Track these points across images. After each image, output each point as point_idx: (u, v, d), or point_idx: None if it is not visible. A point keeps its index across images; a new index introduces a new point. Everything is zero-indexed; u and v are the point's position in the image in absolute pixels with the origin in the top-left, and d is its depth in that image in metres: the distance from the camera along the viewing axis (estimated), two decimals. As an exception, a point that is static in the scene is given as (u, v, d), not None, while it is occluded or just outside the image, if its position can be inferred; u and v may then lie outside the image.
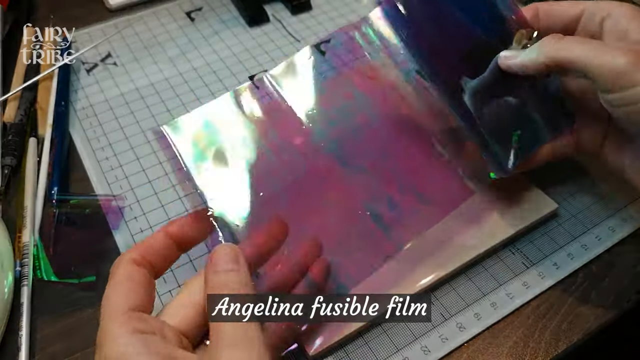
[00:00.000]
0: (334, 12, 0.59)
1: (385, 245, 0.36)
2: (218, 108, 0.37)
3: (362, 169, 0.37)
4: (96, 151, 0.45)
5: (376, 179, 0.37)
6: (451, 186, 0.39)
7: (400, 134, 0.39)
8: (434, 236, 0.37)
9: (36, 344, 0.34)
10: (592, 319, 0.35)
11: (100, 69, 0.53)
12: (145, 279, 0.27)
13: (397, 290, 0.35)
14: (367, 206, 0.36)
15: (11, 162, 0.42)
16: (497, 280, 0.37)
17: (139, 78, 0.52)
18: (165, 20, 0.58)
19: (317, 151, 0.37)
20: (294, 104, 0.38)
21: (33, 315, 0.35)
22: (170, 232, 0.29)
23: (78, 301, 0.36)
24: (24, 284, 0.36)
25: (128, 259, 0.27)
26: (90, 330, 0.35)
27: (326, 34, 0.54)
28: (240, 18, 0.58)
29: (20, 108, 0.46)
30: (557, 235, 0.39)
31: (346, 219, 0.36)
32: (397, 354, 0.33)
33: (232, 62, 0.53)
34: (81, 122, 0.48)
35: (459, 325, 0.35)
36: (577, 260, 0.38)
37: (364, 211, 0.36)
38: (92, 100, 0.50)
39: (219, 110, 0.37)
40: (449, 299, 0.36)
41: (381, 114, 0.39)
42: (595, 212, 0.41)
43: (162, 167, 0.44)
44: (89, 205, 0.41)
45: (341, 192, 0.36)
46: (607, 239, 0.39)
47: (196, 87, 0.51)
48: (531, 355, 0.34)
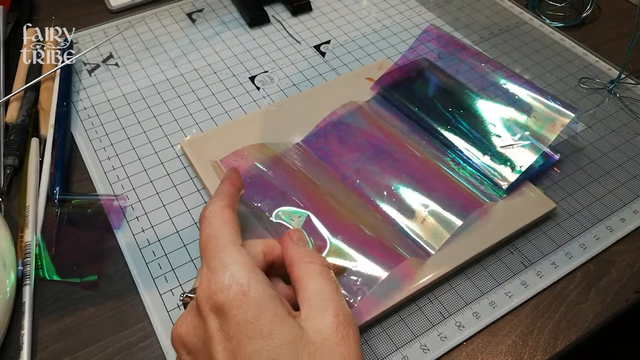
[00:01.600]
0: (334, 14, 0.59)
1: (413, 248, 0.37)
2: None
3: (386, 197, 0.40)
4: (98, 151, 0.45)
5: (403, 202, 0.39)
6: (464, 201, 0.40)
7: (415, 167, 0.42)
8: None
9: (38, 343, 0.34)
10: (591, 318, 0.35)
11: (102, 69, 0.53)
12: (236, 221, 0.31)
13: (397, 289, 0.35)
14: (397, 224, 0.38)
15: (13, 162, 0.43)
16: (496, 280, 0.37)
17: (140, 79, 0.52)
18: (166, 21, 0.58)
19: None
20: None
21: (35, 315, 0.36)
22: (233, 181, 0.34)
23: (80, 300, 0.36)
24: (26, 283, 0.36)
25: (222, 205, 0.31)
26: (92, 329, 0.35)
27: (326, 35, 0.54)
28: (241, 19, 0.59)
29: (23, 108, 0.46)
30: (555, 235, 0.39)
31: (381, 231, 0.38)
32: (397, 353, 0.34)
33: (233, 62, 0.53)
34: (83, 123, 0.48)
35: (458, 324, 0.35)
36: (576, 259, 0.38)
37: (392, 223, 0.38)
38: (93, 100, 0.50)
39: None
40: (448, 297, 0.36)
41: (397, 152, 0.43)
42: (593, 211, 0.41)
43: (163, 167, 0.44)
44: (91, 205, 0.41)
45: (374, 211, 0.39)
46: (605, 238, 0.39)
47: (197, 87, 0.51)
48: (530, 354, 0.34)
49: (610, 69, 0.52)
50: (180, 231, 0.40)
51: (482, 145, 0.42)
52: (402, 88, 0.47)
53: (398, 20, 0.58)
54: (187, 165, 0.44)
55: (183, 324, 0.28)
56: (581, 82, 0.50)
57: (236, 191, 0.34)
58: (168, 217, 0.41)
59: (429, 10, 0.59)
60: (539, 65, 0.53)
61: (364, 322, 0.34)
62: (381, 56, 0.54)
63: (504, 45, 0.55)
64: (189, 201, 0.42)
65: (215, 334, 0.26)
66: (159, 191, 0.42)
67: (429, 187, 0.40)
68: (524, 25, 0.57)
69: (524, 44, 0.55)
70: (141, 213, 0.41)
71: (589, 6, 0.57)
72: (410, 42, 0.55)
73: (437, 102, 0.45)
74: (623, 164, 0.44)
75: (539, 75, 0.51)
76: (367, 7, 0.60)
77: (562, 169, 0.43)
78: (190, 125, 0.47)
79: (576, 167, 0.44)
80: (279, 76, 0.52)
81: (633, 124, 0.47)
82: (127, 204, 0.41)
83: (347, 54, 0.54)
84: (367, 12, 0.59)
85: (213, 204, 0.31)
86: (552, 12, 0.59)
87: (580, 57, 0.53)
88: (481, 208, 0.39)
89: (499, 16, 0.58)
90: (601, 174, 0.43)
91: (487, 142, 0.42)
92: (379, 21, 0.58)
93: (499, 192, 0.40)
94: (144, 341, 0.35)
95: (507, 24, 0.57)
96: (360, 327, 0.34)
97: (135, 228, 0.40)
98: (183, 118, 0.48)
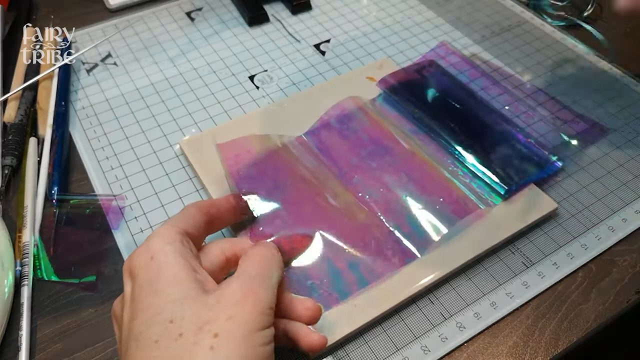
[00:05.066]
0: (334, 12, 0.59)
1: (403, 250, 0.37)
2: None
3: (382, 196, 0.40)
4: (96, 151, 0.45)
5: (398, 202, 0.39)
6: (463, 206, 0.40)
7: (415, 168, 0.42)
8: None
9: (36, 344, 0.34)
10: (592, 319, 0.35)
11: (100, 69, 0.53)
12: (200, 220, 0.32)
13: (397, 289, 0.35)
14: (389, 222, 0.38)
15: (11, 162, 0.43)
16: (497, 280, 0.37)
17: (139, 78, 0.52)
18: (165, 20, 0.58)
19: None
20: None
21: (33, 315, 0.35)
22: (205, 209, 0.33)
23: (78, 301, 0.36)
24: (24, 284, 0.36)
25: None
26: (91, 330, 0.35)
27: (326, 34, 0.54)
28: (241, 18, 0.58)
29: (21, 108, 0.46)
30: (557, 235, 0.39)
31: (371, 229, 0.38)
32: (397, 354, 0.33)
33: (232, 62, 0.53)
34: (81, 122, 0.48)
35: (459, 325, 0.35)
36: (577, 259, 0.38)
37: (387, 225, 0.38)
38: (92, 100, 0.50)
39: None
40: (448, 298, 0.36)
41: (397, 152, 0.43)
42: (595, 211, 0.41)
43: (162, 167, 0.44)
44: (89, 205, 0.41)
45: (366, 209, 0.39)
46: (607, 238, 0.39)
47: (196, 87, 0.51)
48: (531, 355, 0.34)
49: (612, 68, 0.51)
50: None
51: (483, 152, 0.42)
52: (409, 89, 0.47)
53: (399, 19, 0.58)
54: (186, 165, 0.44)
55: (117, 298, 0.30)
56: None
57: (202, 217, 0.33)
58: (167, 217, 0.40)
59: (430, 9, 0.59)
60: (539, 64, 0.52)
61: (363, 324, 0.34)
62: (381, 55, 0.54)
63: (505, 44, 0.55)
64: (188, 201, 0.41)
65: (127, 297, 0.27)
66: (157, 191, 0.42)
67: (425, 188, 0.40)
68: (525, 24, 0.57)
69: (525, 43, 0.55)
70: (140, 213, 0.41)
71: (590, 5, 0.57)
72: (411, 41, 0.55)
73: (443, 107, 0.45)
74: (625, 164, 0.44)
75: (540, 75, 0.51)
76: (367, 5, 0.60)
77: (564, 169, 0.43)
78: (189, 125, 0.47)
79: (577, 167, 0.43)
80: (279, 75, 0.52)
81: (635, 123, 0.47)
82: (126, 204, 0.41)
83: (347, 53, 0.54)
84: (367, 11, 0.59)
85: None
86: (553, 11, 0.59)
87: (581, 56, 0.53)
88: (474, 214, 0.38)
89: (500, 15, 0.58)
90: (603, 174, 0.43)
91: (490, 151, 0.42)
92: (380, 20, 0.58)
93: (496, 198, 0.40)
94: (143, 342, 0.34)
95: (508, 23, 0.57)
96: (360, 328, 0.34)
97: (134, 228, 0.40)
98: (182, 117, 0.48)
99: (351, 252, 0.36)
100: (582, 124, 0.46)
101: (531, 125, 0.46)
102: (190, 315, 0.25)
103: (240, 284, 0.27)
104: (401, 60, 0.53)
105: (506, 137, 0.43)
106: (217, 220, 0.34)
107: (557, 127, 0.46)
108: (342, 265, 0.36)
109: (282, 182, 0.40)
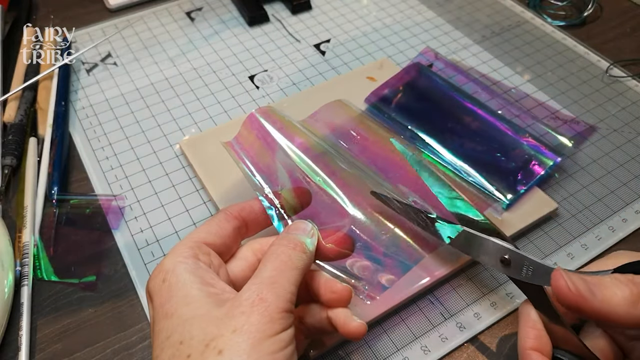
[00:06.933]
0: (334, 12, 0.59)
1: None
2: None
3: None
4: (96, 151, 0.45)
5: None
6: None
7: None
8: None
9: (36, 344, 0.34)
10: (592, 319, 0.35)
11: (100, 68, 0.53)
12: (228, 226, 0.31)
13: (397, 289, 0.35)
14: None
15: (11, 162, 0.42)
16: (498, 280, 0.37)
17: (139, 78, 0.52)
18: (165, 20, 0.58)
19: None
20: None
21: (33, 315, 0.35)
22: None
23: (79, 301, 0.36)
24: (24, 284, 0.36)
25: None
26: (91, 330, 0.35)
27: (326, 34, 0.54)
28: (241, 18, 0.58)
29: (21, 108, 0.46)
30: (557, 235, 0.39)
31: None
32: (397, 354, 0.33)
33: (232, 61, 0.53)
34: (81, 122, 0.48)
35: (459, 325, 0.35)
36: (578, 259, 0.38)
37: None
38: (92, 100, 0.50)
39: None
40: (449, 298, 0.36)
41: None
42: (595, 211, 0.41)
43: (162, 167, 0.44)
44: (89, 205, 0.41)
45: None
46: (607, 238, 0.39)
47: (196, 87, 0.51)
48: (531, 355, 0.34)
49: (612, 68, 0.51)
50: (179, 231, 0.40)
51: (481, 166, 0.41)
52: (397, 105, 0.46)
53: (399, 19, 0.58)
54: (186, 165, 0.44)
55: None
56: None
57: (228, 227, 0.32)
58: (167, 217, 0.40)
59: (430, 8, 0.59)
60: (539, 64, 0.52)
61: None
62: (381, 55, 0.53)
63: (505, 44, 0.55)
64: (187, 201, 0.41)
65: (150, 320, 0.28)
66: (157, 191, 0.42)
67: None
68: (525, 24, 0.57)
69: (525, 43, 0.55)
70: (140, 213, 0.41)
71: (590, 5, 0.57)
72: (411, 41, 0.55)
73: (434, 119, 0.44)
74: (625, 164, 0.44)
75: (540, 75, 0.51)
76: (367, 5, 0.60)
77: (564, 169, 0.43)
78: (189, 125, 0.47)
79: (577, 167, 0.43)
80: (279, 75, 0.52)
81: (635, 123, 0.47)
82: (126, 204, 0.41)
83: (347, 52, 0.54)
84: (367, 11, 0.59)
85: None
86: (553, 11, 0.59)
87: (581, 56, 0.53)
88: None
89: (500, 15, 0.58)
90: (603, 174, 0.43)
91: (487, 162, 0.41)
92: (380, 20, 0.58)
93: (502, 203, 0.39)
94: (143, 342, 0.34)
95: (508, 23, 0.57)
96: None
97: (133, 228, 0.40)
98: (182, 117, 0.48)
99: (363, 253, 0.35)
100: (582, 124, 0.46)
101: (526, 128, 0.46)
102: (197, 334, 0.25)
103: (250, 292, 0.26)
104: (401, 60, 0.53)
105: (502, 142, 0.42)
106: (252, 222, 0.32)
107: (554, 129, 0.45)
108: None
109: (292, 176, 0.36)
